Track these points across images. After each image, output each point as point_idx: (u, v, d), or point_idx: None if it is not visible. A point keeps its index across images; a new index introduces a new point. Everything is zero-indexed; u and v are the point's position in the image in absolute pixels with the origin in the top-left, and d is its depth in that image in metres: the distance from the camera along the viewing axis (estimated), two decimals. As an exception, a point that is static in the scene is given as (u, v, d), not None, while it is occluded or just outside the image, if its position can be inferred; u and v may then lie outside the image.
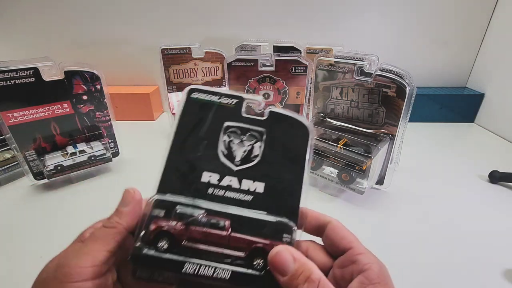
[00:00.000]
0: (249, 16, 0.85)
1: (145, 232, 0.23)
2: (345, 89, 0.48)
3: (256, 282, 0.22)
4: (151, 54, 0.76)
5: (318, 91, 0.51)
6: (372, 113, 0.46)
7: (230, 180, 0.25)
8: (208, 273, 0.22)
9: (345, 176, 0.50)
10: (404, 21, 0.85)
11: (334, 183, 0.52)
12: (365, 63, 0.48)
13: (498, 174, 0.56)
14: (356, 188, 0.50)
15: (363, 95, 0.49)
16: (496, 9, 0.81)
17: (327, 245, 0.27)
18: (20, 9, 0.84)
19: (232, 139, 0.27)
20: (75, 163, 0.55)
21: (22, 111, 0.50)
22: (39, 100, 0.51)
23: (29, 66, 0.48)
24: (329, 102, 0.49)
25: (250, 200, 0.25)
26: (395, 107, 0.45)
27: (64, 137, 0.55)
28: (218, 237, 0.23)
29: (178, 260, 0.23)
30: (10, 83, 0.47)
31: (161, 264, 0.23)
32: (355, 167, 0.47)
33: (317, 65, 0.52)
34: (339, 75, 0.49)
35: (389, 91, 0.45)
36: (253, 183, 0.25)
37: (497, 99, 0.81)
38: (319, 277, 0.20)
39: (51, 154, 0.53)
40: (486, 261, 0.40)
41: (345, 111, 0.48)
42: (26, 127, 0.51)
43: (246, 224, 0.24)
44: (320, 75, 0.51)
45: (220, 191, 0.25)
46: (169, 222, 0.24)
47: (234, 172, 0.26)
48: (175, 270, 0.22)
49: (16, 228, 0.46)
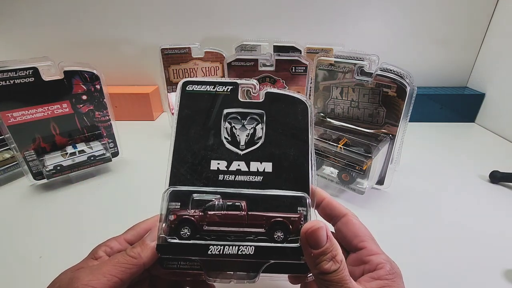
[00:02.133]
0: (249, 16, 0.85)
1: (166, 223, 0.24)
2: (346, 89, 0.48)
3: (279, 253, 0.24)
4: (151, 54, 0.76)
5: (318, 91, 0.51)
6: (372, 113, 0.46)
7: (238, 164, 0.26)
8: (233, 251, 0.23)
9: (345, 176, 0.50)
10: (404, 20, 0.84)
11: (335, 183, 0.52)
12: (365, 63, 0.48)
13: (499, 174, 0.56)
14: (356, 188, 0.50)
15: (364, 95, 0.48)
16: (496, 8, 0.81)
17: (339, 237, 0.27)
18: (20, 9, 0.84)
19: (233, 125, 0.28)
20: (75, 163, 0.55)
21: (22, 111, 0.50)
22: (39, 100, 0.51)
23: (28, 66, 0.48)
24: (329, 102, 0.48)
25: (261, 180, 0.26)
26: (395, 107, 0.45)
27: (63, 137, 0.55)
28: (237, 218, 0.24)
29: (202, 244, 0.24)
30: (9, 83, 0.47)
31: (186, 251, 0.24)
32: (355, 167, 0.47)
33: (317, 64, 0.52)
34: (339, 75, 0.49)
35: (390, 91, 0.45)
36: (261, 164, 0.26)
37: (497, 99, 0.81)
38: (342, 259, 0.22)
39: (50, 154, 0.53)
40: (486, 261, 0.40)
41: (345, 111, 0.48)
42: (26, 127, 0.51)
43: (261, 202, 0.25)
44: (320, 75, 0.51)
45: (230, 176, 0.26)
46: (187, 210, 0.25)
47: (240, 156, 0.27)
48: (200, 254, 0.24)
49: (16, 228, 0.46)
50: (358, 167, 0.47)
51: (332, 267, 0.21)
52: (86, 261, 0.25)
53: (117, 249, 0.26)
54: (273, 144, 0.27)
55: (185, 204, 0.25)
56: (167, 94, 0.75)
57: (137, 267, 0.23)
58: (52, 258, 0.40)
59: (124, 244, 0.26)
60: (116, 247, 0.26)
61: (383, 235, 0.46)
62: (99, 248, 0.26)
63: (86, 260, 0.25)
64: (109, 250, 0.25)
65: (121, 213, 0.48)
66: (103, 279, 0.21)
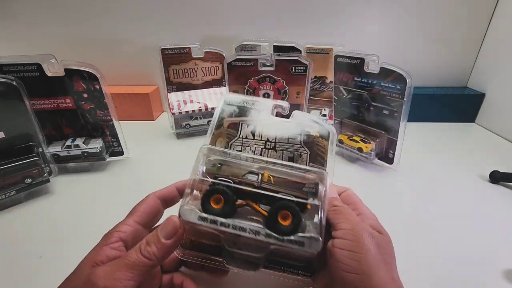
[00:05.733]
0: (249, 16, 0.85)
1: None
2: (259, 128, 0.35)
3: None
4: (151, 54, 0.76)
5: (220, 129, 0.35)
6: (293, 155, 0.34)
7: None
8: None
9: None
10: (404, 20, 0.84)
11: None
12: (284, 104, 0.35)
13: (499, 174, 0.56)
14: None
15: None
16: (497, 8, 0.81)
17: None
18: (23, 9, 0.84)
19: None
20: (69, 155, 0.57)
21: (32, 101, 0.52)
22: (45, 93, 0.55)
23: (32, 61, 0.52)
24: (236, 142, 0.34)
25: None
26: (319, 147, 0.34)
27: (70, 129, 0.59)
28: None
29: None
30: (18, 76, 0.51)
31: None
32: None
33: (225, 100, 0.36)
34: (252, 112, 0.36)
35: (312, 130, 0.35)
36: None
37: (498, 99, 0.81)
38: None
39: (55, 143, 0.58)
40: (486, 261, 0.40)
41: (257, 153, 0.34)
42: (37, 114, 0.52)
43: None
44: (227, 111, 0.36)
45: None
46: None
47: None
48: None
49: (16, 228, 0.46)
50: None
51: (340, 204, 0.29)
52: (100, 249, 0.25)
53: (130, 232, 0.27)
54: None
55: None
56: (167, 94, 0.75)
57: (153, 267, 0.24)
58: (52, 257, 0.40)
59: (135, 226, 0.27)
60: (128, 230, 0.27)
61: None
62: (111, 234, 0.26)
63: (100, 248, 0.25)
64: (122, 234, 0.26)
65: (121, 213, 0.48)
66: (119, 285, 0.22)
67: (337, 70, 0.63)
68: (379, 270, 0.23)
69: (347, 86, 0.63)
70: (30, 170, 0.49)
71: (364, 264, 0.23)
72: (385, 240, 0.26)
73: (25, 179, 0.49)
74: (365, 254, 0.23)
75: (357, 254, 0.23)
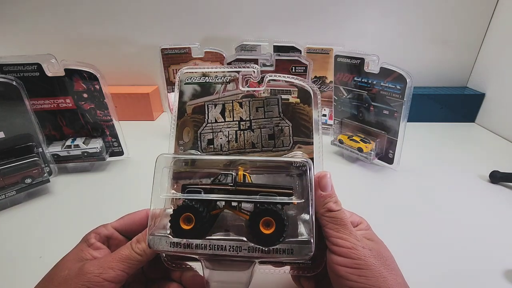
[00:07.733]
0: (249, 16, 0.85)
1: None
2: (229, 105, 0.32)
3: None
4: (151, 54, 0.76)
5: (184, 116, 0.32)
6: (273, 132, 0.32)
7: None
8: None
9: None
10: (404, 20, 0.84)
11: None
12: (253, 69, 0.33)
13: (499, 174, 0.56)
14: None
15: (256, 108, 0.33)
16: (496, 8, 0.81)
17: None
18: (23, 9, 0.84)
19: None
20: (69, 155, 0.57)
21: (32, 101, 0.52)
22: (45, 93, 0.55)
23: (32, 61, 0.52)
24: (205, 129, 0.31)
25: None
26: (302, 116, 0.31)
27: (70, 129, 0.59)
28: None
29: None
30: (18, 76, 0.51)
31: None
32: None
33: (181, 79, 0.32)
34: (217, 87, 0.32)
35: (291, 97, 0.32)
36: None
37: (497, 99, 0.81)
38: (341, 204, 0.27)
39: (55, 143, 0.58)
40: (486, 261, 0.40)
41: (232, 138, 0.31)
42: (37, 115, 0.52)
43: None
44: (188, 92, 0.32)
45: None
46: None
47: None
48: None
49: (16, 227, 0.46)
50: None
51: (336, 207, 0.26)
52: (81, 248, 0.27)
53: (104, 235, 0.29)
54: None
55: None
56: (167, 94, 0.75)
57: (142, 263, 0.26)
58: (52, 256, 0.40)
59: (111, 230, 0.29)
60: (103, 233, 0.29)
61: (383, 235, 0.46)
62: (89, 235, 0.28)
63: (80, 247, 0.27)
64: (98, 237, 0.28)
65: (120, 212, 0.48)
66: (113, 273, 0.24)
67: (337, 70, 0.63)
68: (386, 279, 0.24)
69: (347, 86, 0.63)
70: (30, 170, 0.49)
71: (371, 278, 0.23)
72: (381, 247, 0.27)
73: (25, 179, 0.49)
74: (371, 269, 0.24)
75: (363, 270, 0.24)
